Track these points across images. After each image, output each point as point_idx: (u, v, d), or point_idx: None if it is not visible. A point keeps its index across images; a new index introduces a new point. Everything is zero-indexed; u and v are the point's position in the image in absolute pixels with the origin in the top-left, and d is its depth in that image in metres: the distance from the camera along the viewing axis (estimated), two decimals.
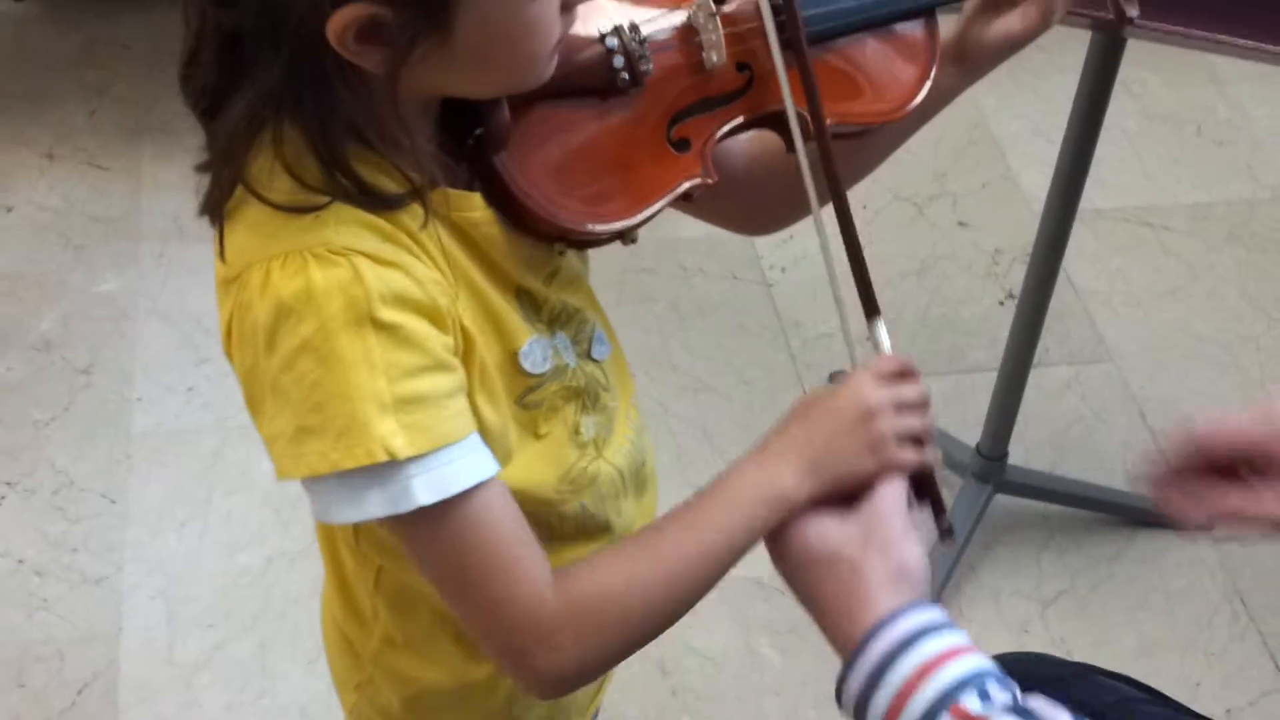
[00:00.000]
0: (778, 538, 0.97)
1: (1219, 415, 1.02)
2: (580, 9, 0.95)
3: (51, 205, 2.65)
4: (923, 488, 1.00)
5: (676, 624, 0.99)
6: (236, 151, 0.89)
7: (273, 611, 2.09)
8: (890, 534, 0.93)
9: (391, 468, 0.88)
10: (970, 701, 0.83)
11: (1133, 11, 1.20)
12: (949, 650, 0.86)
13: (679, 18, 1.04)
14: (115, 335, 2.44)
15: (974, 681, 0.84)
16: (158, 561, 2.14)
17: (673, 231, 2.44)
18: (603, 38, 0.99)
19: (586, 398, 1.08)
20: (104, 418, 2.32)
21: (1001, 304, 2.56)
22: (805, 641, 2.06)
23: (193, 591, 2.11)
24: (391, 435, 0.87)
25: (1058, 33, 1.18)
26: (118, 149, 2.75)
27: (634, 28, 1.00)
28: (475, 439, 0.92)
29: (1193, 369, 2.49)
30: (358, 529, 1.08)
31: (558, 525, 1.08)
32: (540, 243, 1.00)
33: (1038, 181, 2.16)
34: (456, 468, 0.90)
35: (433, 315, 0.90)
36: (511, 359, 1.00)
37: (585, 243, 1.03)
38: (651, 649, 1.02)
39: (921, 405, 1.00)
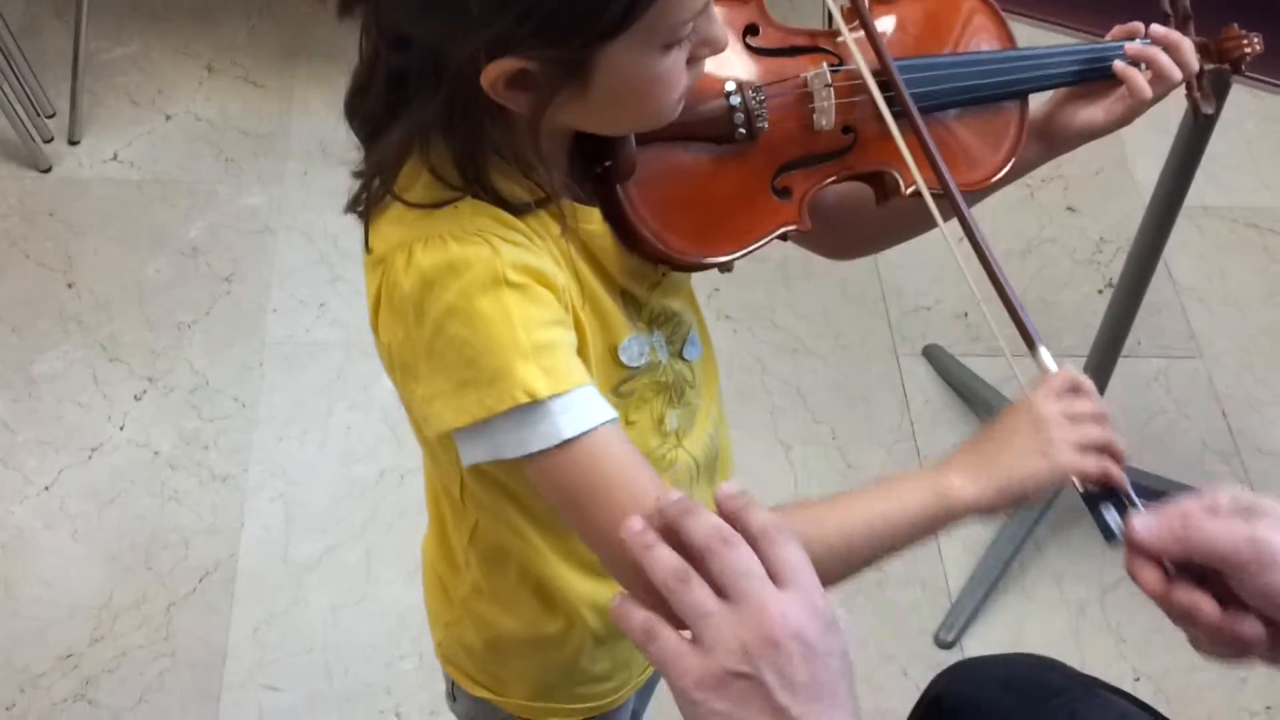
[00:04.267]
0: None
1: (1206, 508, 0.96)
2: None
3: (207, 117, 2.81)
4: (1117, 502, 1.02)
5: None
6: (390, 168, 1.02)
7: (380, 522, 2.25)
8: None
9: (536, 408, 0.98)
10: None
11: (1208, 109, 1.29)
12: None
13: (798, 82, 1.14)
14: (257, 247, 2.59)
15: None
16: (280, 466, 2.30)
17: None
18: (727, 94, 1.10)
19: (673, 392, 1.20)
20: (241, 325, 2.48)
21: (1100, 292, 2.62)
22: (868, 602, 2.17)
23: (310, 497, 2.27)
24: (533, 379, 0.97)
25: None
26: (273, 68, 2.89)
27: (756, 88, 1.11)
28: (595, 388, 1.02)
29: (1279, 375, 2.55)
30: (464, 486, 1.19)
31: None
32: (646, 260, 1.12)
33: (1151, 173, 2.19)
34: (591, 406, 1.00)
35: (552, 288, 1.02)
36: (611, 352, 1.12)
37: (686, 269, 1.14)
38: None
39: (1098, 417, 1.03)
